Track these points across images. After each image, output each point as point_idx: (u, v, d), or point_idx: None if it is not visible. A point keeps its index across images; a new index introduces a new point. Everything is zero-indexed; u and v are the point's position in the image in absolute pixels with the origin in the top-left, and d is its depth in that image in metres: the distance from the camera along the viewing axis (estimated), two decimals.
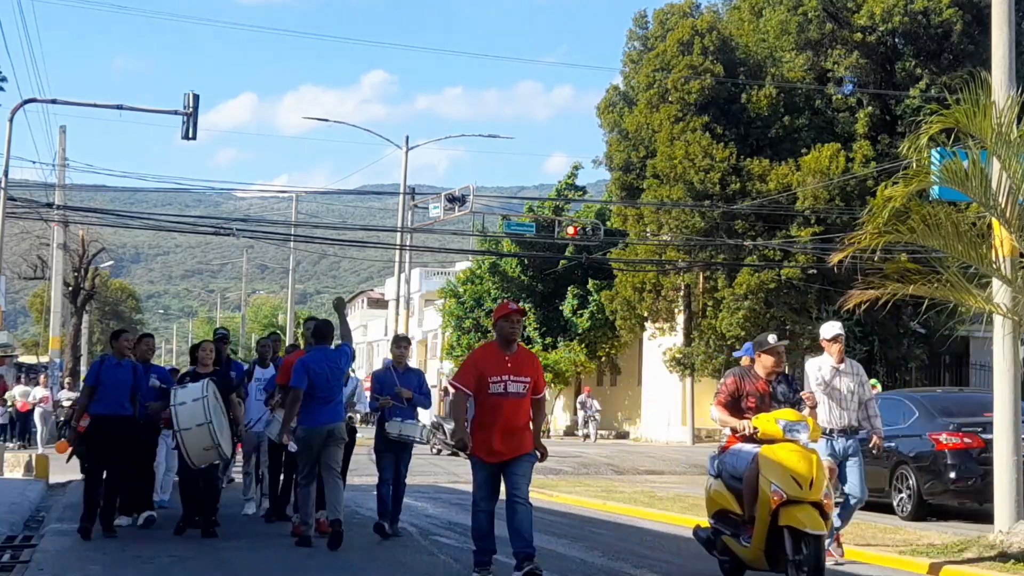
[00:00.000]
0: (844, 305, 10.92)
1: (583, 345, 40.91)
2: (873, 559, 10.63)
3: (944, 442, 14.45)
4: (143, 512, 12.16)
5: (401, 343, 11.97)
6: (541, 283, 42.49)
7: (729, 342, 31.87)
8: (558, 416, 45.59)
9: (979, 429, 14.27)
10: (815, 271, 30.62)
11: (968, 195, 10.60)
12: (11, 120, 25.07)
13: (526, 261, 41.52)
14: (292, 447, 10.79)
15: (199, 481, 11.43)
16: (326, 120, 44.51)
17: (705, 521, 9.22)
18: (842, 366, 10.51)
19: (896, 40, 33.01)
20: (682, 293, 34.52)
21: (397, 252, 39.65)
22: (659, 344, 35.65)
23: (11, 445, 28.44)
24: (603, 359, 42.24)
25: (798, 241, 30.51)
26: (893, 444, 14.33)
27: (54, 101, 27.86)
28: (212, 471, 11.50)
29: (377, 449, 11.52)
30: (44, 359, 40.74)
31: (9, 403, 31.55)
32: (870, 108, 32.25)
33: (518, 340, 8.64)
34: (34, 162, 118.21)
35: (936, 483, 14.44)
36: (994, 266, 10.73)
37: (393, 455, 11.42)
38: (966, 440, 14.39)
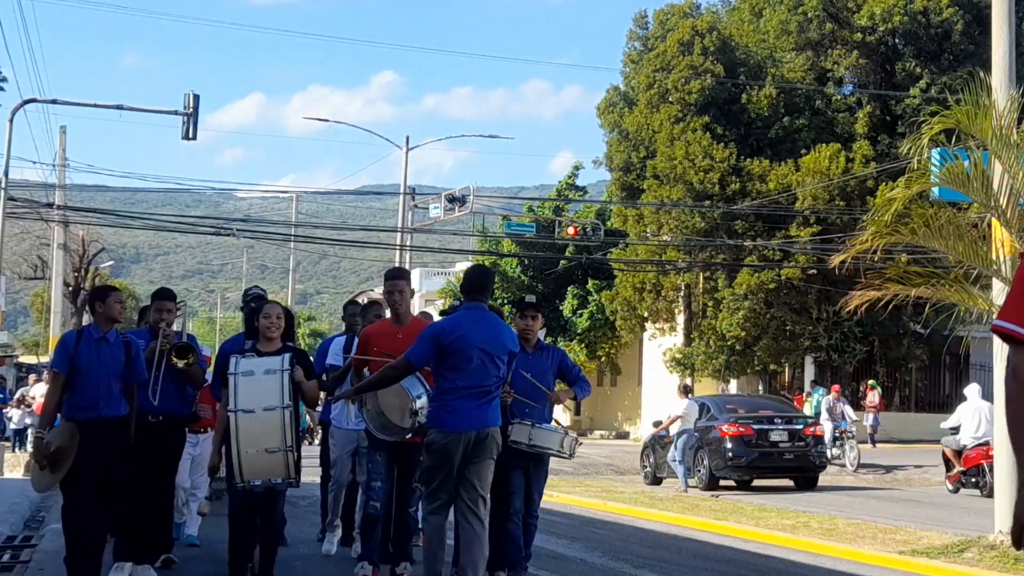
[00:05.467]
0: (846, 306, 10.93)
1: (583, 345, 40.90)
2: (873, 559, 10.63)
3: (725, 430, 18.66)
4: (159, 556, 8.56)
5: (528, 311, 8.17)
6: (541, 283, 42.47)
7: (729, 342, 31.88)
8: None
9: (751, 421, 18.88)
10: (815, 271, 30.63)
11: (969, 196, 10.62)
12: (11, 120, 25.10)
13: (526, 261, 41.51)
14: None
15: (255, 514, 7.50)
16: (326, 120, 44.56)
17: None
18: None
19: (896, 40, 33.04)
20: (682, 293, 34.52)
21: (397, 252, 39.57)
22: (659, 344, 35.64)
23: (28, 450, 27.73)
24: (603, 359, 42.23)
25: (798, 241, 30.52)
26: (697, 434, 18.97)
27: (54, 101, 27.86)
28: (275, 499, 7.58)
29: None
30: (44, 359, 40.68)
31: (27, 401, 30.59)
32: (870, 108, 32.26)
33: None
34: (34, 162, 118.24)
35: (720, 461, 18.68)
36: (995, 267, 10.73)
37: (522, 472, 8.00)
38: (740, 429, 18.62)
